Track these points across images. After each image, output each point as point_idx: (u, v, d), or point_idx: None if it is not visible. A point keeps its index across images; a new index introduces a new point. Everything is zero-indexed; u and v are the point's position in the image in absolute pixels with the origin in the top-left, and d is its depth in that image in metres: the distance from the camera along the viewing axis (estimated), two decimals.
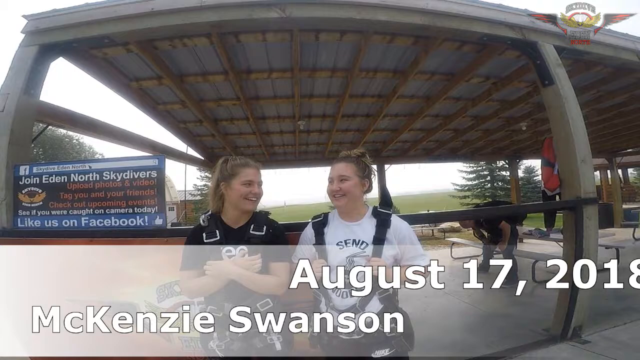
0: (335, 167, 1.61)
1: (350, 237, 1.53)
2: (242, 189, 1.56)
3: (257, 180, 1.62)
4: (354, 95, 5.16)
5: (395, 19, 2.86)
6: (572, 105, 3.10)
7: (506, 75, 4.71)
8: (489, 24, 3.07)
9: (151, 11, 2.65)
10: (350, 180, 1.56)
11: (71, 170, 2.37)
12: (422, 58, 3.84)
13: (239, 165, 1.61)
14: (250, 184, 1.58)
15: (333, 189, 1.57)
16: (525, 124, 6.95)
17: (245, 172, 1.59)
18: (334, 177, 1.58)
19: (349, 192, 1.55)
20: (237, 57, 3.85)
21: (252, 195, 1.58)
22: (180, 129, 6.40)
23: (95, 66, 3.68)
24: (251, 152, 9.16)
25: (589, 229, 2.95)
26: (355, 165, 1.59)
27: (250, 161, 1.65)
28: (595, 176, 17.96)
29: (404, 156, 10.15)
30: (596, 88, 5.13)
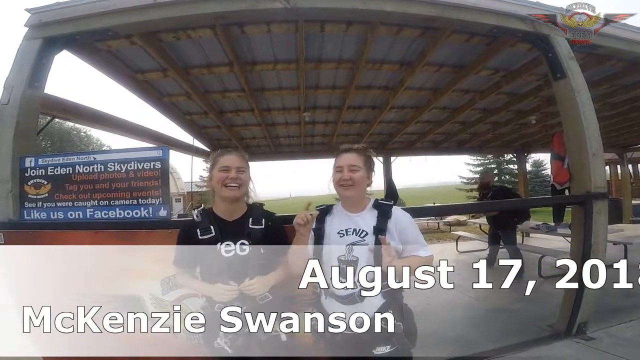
0: (345, 156, 1.59)
1: (351, 226, 1.53)
2: (219, 175, 1.55)
3: (235, 166, 1.56)
4: (360, 87, 5.08)
5: (402, 9, 2.79)
6: (584, 99, 3.02)
7: (516, 68, 4.59)
8: (499, 16, 2.99)
9: (154, 3, 2.62)
10: (360, 171, 1.56)
11: (76, 162, 2.37)
12: (430, 50, 3.76)
13: (218, 155, 1.61)
14: (227, 170, 1.55)
15: (344, 178, 1.55)
16: (535, 117, 6.81)
17: (223, 159, 1.57)
18: (345, 165, 1.56)
19: (359, 182, 1.55)
20: (241, 48, 3.80)
21: (229, 181, 1.54)
22: (186, 121, 6.40)
23: (100, 58, 3.66)
24: (256, 144, 9.16)
25: (598, 225, 2.90)
26: (364, 157, 1.60)
27: (231, 149, 1.63)
28: (605, 171, 17.57)
29: (411, 148, 10.03)
30: (610, 82, 4.98)
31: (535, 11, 3.06)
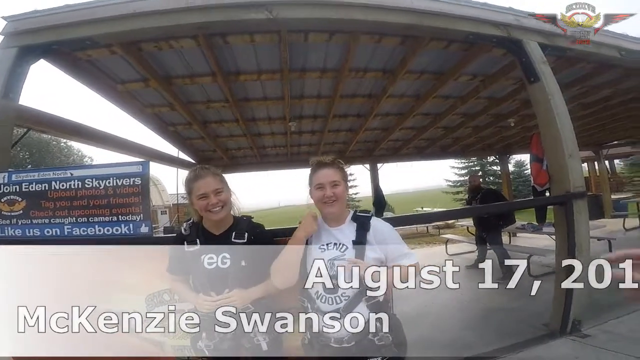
0: (323, 173, 1.56)
1: (331, 240, 1.53)
2: (199, 203, 1.53)
3: (212, 190, 1.54)
4: (345, 96, 5.14)
5: (382, 18, 2.86)
6: (558, 102, 3.12)
7: (493, 73, 4.72)
8: (474, 23, 3.08)
9: (134, 12, 2.60)
10: (340, 185, 1.54)
11: (52, 178, 2.28)
12: (410, 57, 3.84)
13: (190, 181, 1.57)
14: (205, 197, 1.52)
15: (327, 195, 1.52)
16: (514, 120, 7.02)
17: (197, 186, 1.54)
18: (326, 183, 1.53)
19: (341, 197, 1.54)
20: (225, 58, 3.79)
21: (210, 207, 1.52)
22: (170, 132, 6.31)
23: (79, 68, 3.58)
24: (242, 155, 9.10)
25: (579, 223, 2.98)
26: (340, 171, 1.59)
27: (201, 172, 1.58)
28: (584, 168, 18.32)
29: (396, 155, 10.17)
30: (581, 83, 5.17)
31: (507, 17, 3.15)
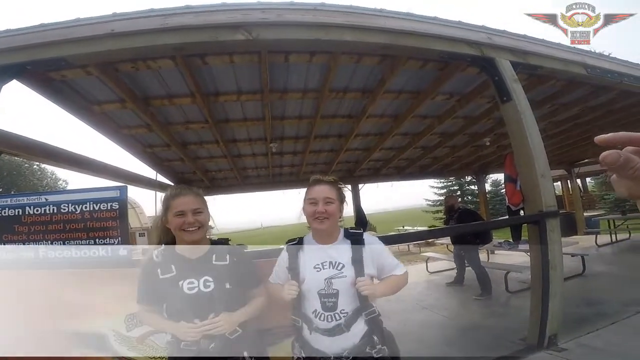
0: (319, 188, 1.57)
1: (327, 259, 1.50)
2: (175, 220, 1.48)
3: (191, 209, 1.49)
4: (326, 116, 5.21)
5: (361, 38, 2.92)
6: (529, 121, 3.18)
7: (469, 92, 4.86)
8: (448, 41, 3.16)
9: (110, 33, 2.56)
10: (334, 204, 1.54)
11: (26, 203, 2.24)
12: (388, 77, 3.94)
13: (170, 197, 1.53)
14: (182, 214, 1.47)
15: (319, 211, 1.51)
16: (489, 139, 7.28)
17: (176, 203, 1.49)
18: (319, 198, 1.53)
19: (333, 215, 1.53)
20: (204, 79, 3.78)
21: (186, 226, 1.47)
22: (147, 154, 6.17)
23: (53, 89, 3.48)
24: (223, 176, 8.97)
25: (552, 241, 3.04)
26: (336, 189, 1.60)
27: (183, 190, 1.55)
28: (557, 186, 19.03)
29: (377, 175, 10.30)
30: (551, 101, 5.33)
31: (480, 35, 3.23)
